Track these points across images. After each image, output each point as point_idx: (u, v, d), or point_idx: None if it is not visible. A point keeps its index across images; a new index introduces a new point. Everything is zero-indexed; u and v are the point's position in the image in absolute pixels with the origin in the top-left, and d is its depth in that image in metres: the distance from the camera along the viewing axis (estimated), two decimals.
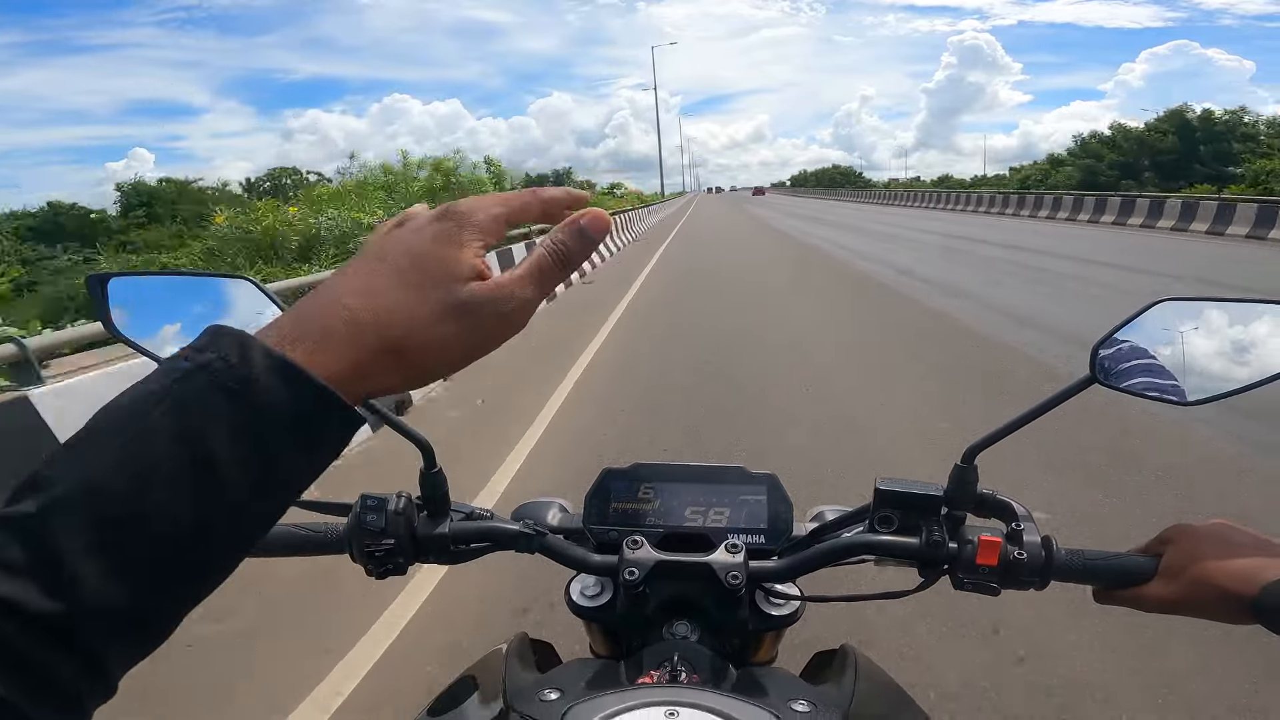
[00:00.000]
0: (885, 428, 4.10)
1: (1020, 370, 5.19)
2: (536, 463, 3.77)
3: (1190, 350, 0.62)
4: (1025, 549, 0.64)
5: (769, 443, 3.90)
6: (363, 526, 0.67)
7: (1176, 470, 3.30)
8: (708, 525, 0.70)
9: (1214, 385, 0.61)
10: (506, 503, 2.46)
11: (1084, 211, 21.52)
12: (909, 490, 0.67)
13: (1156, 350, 0.62)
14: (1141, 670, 2.00)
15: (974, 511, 0.68)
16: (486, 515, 0.73)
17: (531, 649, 0.75)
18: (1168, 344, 0.62)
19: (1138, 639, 2.09)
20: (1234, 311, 0.61)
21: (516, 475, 3.60)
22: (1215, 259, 11.39)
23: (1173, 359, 0.62)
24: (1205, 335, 0.62)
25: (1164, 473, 3.28)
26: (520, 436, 4.13)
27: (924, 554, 0.66)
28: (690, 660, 0.60)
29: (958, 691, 1.96)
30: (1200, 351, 0.62)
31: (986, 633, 2.17)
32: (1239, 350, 0.61)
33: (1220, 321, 0.62)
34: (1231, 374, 0.61)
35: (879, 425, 4.14)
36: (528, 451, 3.92)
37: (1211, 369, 0.62)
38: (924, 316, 7.45)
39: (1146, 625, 2.04)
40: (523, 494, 2.10)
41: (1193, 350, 0.62)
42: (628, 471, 0.73)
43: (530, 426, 4.29)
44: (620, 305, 8.88)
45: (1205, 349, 0.62)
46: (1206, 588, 0.58)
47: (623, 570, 0.64)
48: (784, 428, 4.14)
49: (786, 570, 0.68)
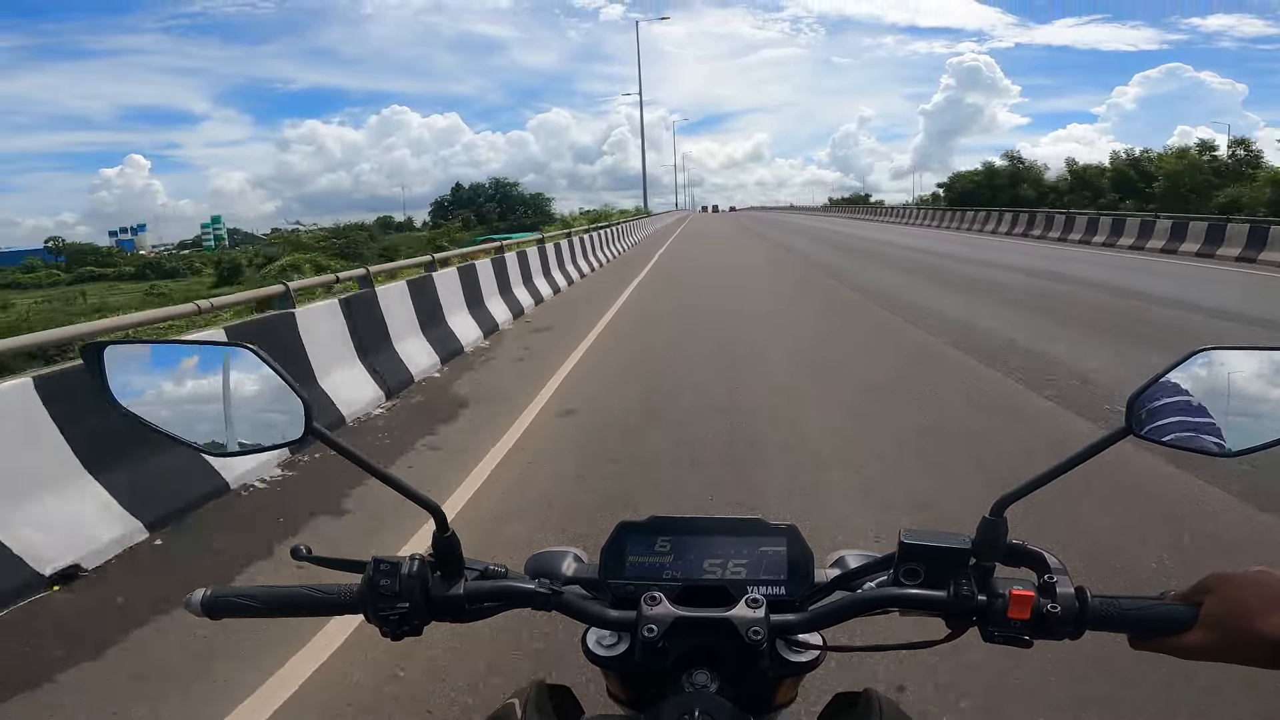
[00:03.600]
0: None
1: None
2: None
3: (1231, 400, 0.60)
4: (1059, 601, 0.62)
5: None
6: (377, 590, 0.66)
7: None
8: (727, 577, 0.68)
9: (1256, 435, 0.59)
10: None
11: (1141, 236, 17.48)
12: (936, 544, 0.65)
13: (1196, 401, 0.60)
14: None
15: (1002, 562, 0.66)
16: (501, 572, 0.71)
17: (549, 695, 0.73)
18: (1208, 394, 0.60)
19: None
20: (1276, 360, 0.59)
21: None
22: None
23: (1213, 409, 0.60)
24: (1246, 384, 0.60)
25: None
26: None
27: (953, 607, 0.64)
28: (711, 714, 0.59)
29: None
30: (1241, 401, 0.60)
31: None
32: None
33: (1262, 370, 0.60)
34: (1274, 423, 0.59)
35: None
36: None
37: (1253, 418, 0.60)
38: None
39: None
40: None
41: (1234, 400, 0.60)
42: (644, 524, 0.71)
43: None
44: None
45: (1246, 398, 0.60)
46: (1249, 636, 0.56)
47: (641, 627, 0.63)
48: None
49: (810, 623, 0.66)
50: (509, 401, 5.30)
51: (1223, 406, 0.59)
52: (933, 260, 15.73)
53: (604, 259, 17.54)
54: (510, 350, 7.37)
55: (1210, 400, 0.60)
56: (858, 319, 8.35)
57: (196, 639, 2.38)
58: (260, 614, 0.69)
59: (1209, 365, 0.60)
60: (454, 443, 4.50)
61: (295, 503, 3.61)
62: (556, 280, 12.29)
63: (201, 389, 0.62)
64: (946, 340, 6.84)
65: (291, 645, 2.34)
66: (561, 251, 13.59)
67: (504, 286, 9.42)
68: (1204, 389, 0.60)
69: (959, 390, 5.17)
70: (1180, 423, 0.60)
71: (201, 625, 2.27)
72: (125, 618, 2.58)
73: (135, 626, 2.53)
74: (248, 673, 2.23)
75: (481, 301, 8.40)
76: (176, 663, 2.31)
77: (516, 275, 10.18)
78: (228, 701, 2.11)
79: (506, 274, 9.69)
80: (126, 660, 2.36)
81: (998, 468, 3.65)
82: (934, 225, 33.01)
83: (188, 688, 2.19)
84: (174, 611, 2.57)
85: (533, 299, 10.40)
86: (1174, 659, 0.63)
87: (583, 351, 7.07)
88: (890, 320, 8.18)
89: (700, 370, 6.06)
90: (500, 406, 5.19)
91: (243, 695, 2.15)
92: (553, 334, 8.17)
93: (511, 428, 4.66)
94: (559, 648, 2.22)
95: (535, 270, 11.30)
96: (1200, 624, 0.59)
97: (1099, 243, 18.98)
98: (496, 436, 4.48)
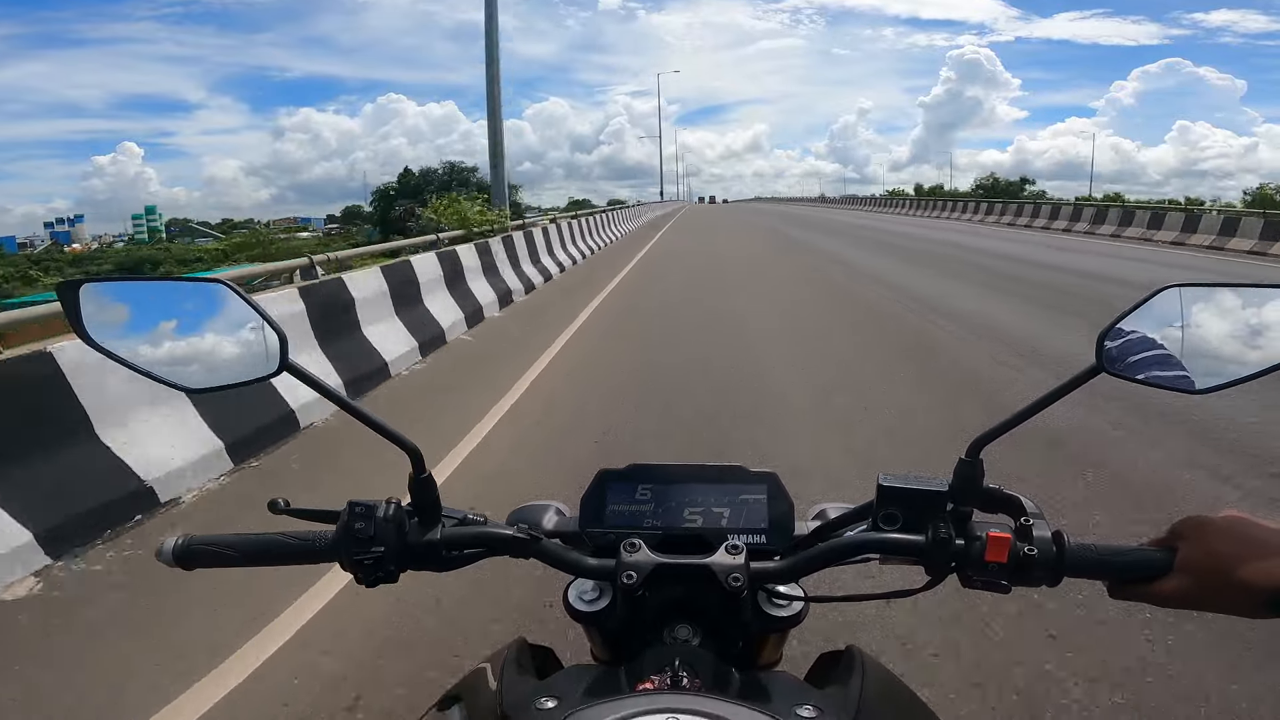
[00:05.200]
0: None
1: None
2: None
3: (1199, 337, 0.59)
4: (1036, 544, 0.61)
5: None
6: (351, 534, 0.65)
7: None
8: (707, 526, 0.68)
9: (1224, 372, 0.59)
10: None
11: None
12: (913, 486, 0.65)
13: (1164, 338, 0.60)
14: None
15: (980, 507, 0.65)
16: (480, 520, 0.70)
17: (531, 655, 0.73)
18: (1176, 331, 0.60)
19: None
20: (1244, 296, 0.59)
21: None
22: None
23: (1182, 346, 0.59)
24: (1214, 321, 0.60)
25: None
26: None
27: (931, 552, 0.63)
28: (692, 665, 0.58)
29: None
30: (1209, 338, 0.60)
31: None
32: (1250, 335, 0.59)
33: (1230, 307, 0.60)
34: (1242, 359, 0.59)
35: None
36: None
37: (1221, 355, 0.60)
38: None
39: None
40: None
41: (1202, 336, 0.59)
42: (624, 472, 0.70)
43: None
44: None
45: (1214, 335, 0.60)
46: (1225, 582, 0.56)
47: (620, 574, 0.62)
48: None
49: (789, 571, 0.66)
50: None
51: (1191, 344, 0.59)
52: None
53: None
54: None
55: (1178, 337, 0.59)
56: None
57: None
58: (235, 563, 0.68)
59: (1177, 302, 0.59)
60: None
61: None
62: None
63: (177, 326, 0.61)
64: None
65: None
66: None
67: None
68: (1172, 326, 0.60)
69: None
70: (1150, 358, 0.60)
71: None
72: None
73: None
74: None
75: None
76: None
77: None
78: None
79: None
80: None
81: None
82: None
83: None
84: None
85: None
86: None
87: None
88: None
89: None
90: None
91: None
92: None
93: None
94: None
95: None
96: (1177, 569, 0.59)
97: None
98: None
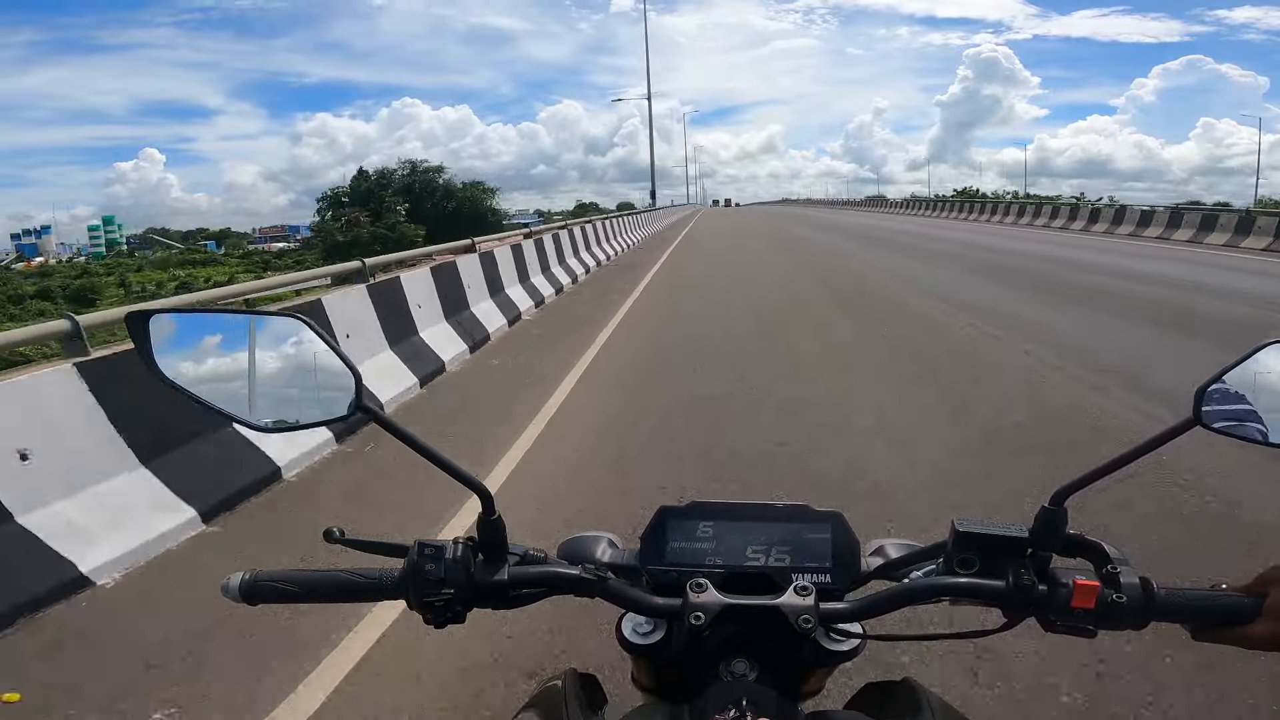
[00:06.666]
0: None
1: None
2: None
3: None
4: (1124, 591, 0.62)
5: None
6: (421, 575, 0.64)
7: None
8: (771, 565, 0.67)
9: None
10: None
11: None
12: (992, 532, 0.64)
13: (1264, 393, 0.59)
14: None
15: (1061, 552, 0.65)
16: (541, 558, 0.70)
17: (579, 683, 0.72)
18: (1276, 387, 0.59)
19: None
20: None
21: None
22: None
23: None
24: None
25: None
26: None
27: (1013, 597, 0.64)
28: (757, 703, 0.58)
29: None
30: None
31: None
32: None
33: None
34: None
35: None
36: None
37: None
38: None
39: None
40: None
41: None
42: (685, 510, 0.69)
43: None
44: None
45: None
46: None
47: (688, 614, 0.61)
48: None
49: (861, 612, 0.65)
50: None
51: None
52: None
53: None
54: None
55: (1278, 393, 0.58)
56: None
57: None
58: (300, 599, 0.67)
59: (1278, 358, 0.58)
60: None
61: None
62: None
63: (248, 361, 0.60)
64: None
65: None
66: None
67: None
68: (1272, 382, 0.59)
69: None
70: (1247, 411, 0.59)
71: None
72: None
73: None
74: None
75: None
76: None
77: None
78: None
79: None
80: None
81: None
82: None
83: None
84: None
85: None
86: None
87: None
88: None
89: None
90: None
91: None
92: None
93: None
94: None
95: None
96: (1265, 615, 0.60)
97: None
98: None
